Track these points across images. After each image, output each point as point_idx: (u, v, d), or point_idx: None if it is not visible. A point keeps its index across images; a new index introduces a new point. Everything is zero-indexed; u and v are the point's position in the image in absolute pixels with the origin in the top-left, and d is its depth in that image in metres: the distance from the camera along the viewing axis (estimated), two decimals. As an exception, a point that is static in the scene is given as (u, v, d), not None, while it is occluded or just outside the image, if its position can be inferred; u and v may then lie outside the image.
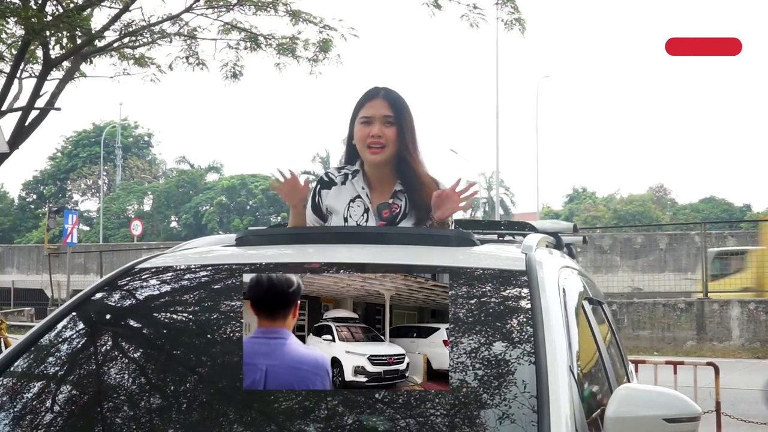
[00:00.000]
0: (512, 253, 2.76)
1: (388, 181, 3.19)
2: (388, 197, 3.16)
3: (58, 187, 70.88)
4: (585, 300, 2.93)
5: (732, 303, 18.31)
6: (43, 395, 2.33)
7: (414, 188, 3.14)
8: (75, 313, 2.63)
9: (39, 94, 13.33)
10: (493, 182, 50.92)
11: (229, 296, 2.67)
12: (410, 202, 3.15)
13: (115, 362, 2.43)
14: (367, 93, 3.20)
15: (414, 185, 3.15)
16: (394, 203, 3.15)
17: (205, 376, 2.30)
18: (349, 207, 3.16)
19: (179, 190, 66.76)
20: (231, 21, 14.04)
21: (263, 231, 3.18)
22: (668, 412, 2.08)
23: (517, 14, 13.50)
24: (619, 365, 3.49)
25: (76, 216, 26.52)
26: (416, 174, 3.16)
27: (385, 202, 3.15)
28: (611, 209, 60.05)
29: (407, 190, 3.16)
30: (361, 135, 3.15)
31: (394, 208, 3.14)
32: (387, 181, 3.19)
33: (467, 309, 2.42)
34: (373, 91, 3.20)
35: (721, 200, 64.37)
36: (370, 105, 3.16)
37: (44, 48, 12.99)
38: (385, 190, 3.18)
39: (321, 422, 2.04)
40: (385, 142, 3.12)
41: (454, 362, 2.18)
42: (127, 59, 14.45)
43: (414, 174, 3.16)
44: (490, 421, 2.01)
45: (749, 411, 9.67)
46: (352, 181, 3.20)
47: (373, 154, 3.13)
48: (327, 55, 14.13)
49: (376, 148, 3.12)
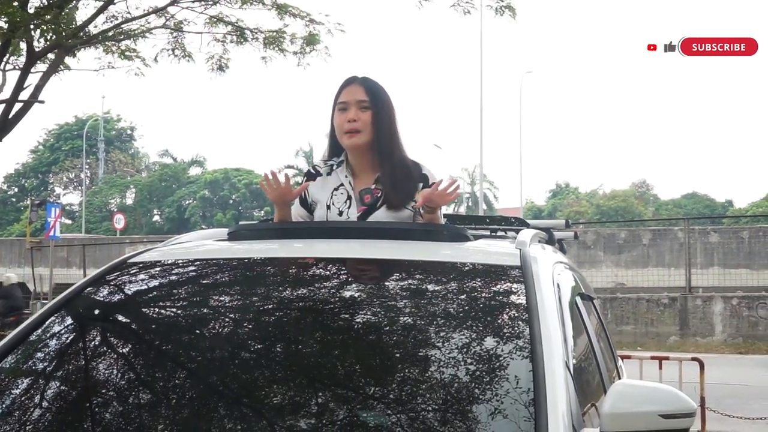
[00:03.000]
0: (506, 248, 2.76)
1: (371, 167, 3.18)
2: (371, 183, 3.15)
3: (40, 180, 70.46)
4: (578, 295, 2.94)
5: (715, 298, 18.45)
6: (35, 391, 2.31)
7: (392, 173, 3.12)
8: (66, 307, 2.61)
9: (23, 87, 13.22)
10: (477, 177, 50.98)
11: (221, 291, 2.66)
12: (389, 186, 3.12)
13: (108, 357, 2.42)
14: (344, 81, 3.22)
15: (392, 170, 3.13)
16: (376, 188, 3.13)
17: (196, 372, 2.29)
18: (332, 195, 3.15)
19: (162, 184, 66.53)
20: (217, 14, 13.98)
21: (256, 226, 3.17)
22: (664, 408, 2.08)
23: (506, 0, 13.49)
24: (610, 360, 3.51)
25: (59, 209, 26.36)
26: (394, 158, 3.15)
27: (367, 188, 3.14)
28: (594, 204, 60.28)
29: (384, 175, 3.14)
30: (339, 122, 3.15)
31: (375, 193, 3.12)
32: (369, 167, 3.18)
33: (462, 304, 2.42)
34: (349, 79, 3.22)
35: (703, 196, 64.80)
36: (347, 91, 3.17)
37: (28, 41, 12.89)
38: (368, 177, 3.17)
39: (313, 417, 2.03)
40: (361, 127, 3.11)
41: (449, 357, 2.18)
42: (112, 52, 14.35)
43: (391, 158, 3.14)
44: (487, 416, 2.01)
45: (733, 406, 9.73)
46: (336, 171, 3.20)
47: (349, 139, 3.12)
48: (314, 48, 14.08)
49: (352, 132, 3.11)
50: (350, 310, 2.47)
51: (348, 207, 3.12)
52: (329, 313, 2.47)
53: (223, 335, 2.42)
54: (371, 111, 3.13)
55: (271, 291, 2.62)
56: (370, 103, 3.13)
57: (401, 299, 2.49)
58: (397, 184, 3.11)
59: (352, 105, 3.13)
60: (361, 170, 3.18)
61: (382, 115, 3.15)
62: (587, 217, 53.71)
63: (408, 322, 2.37)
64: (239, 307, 2.54)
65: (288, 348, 2.34)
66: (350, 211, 3.11)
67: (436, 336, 2.30)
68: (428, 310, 2.41)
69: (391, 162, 3.13)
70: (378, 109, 3.14)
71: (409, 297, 2.50)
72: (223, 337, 2.41)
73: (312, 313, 2.46)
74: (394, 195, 3.10)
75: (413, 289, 2.58)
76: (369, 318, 2.41)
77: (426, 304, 2.44)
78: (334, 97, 3.20)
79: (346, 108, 3.14)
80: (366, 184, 3.16)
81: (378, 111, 3.14)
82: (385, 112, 3.16)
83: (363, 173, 3.18)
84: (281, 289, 2.64)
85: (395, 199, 3.10)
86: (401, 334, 2.33)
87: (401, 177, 3.11)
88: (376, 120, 3.13)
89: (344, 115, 3.13)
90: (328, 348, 2.32)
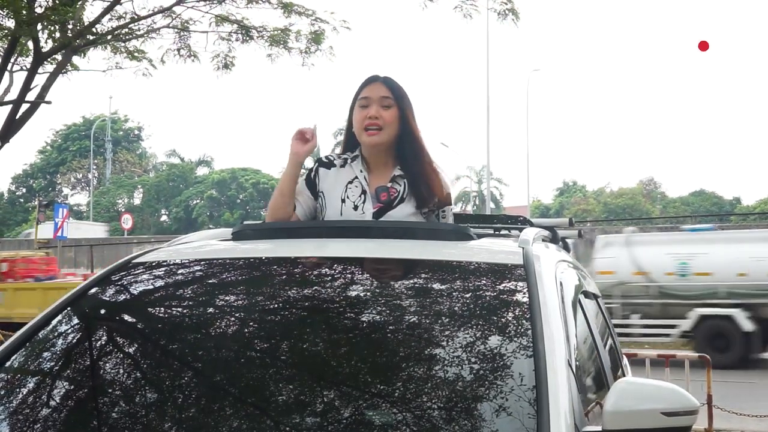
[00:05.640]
0: (509, 247, 2.76)
1: (388, 165, 3.16)
2: (387, 181, 3.12)
3: (47, 181, 70.61)
4: (581, 293, 2.94)
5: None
6: (41, 390, 2.33)
7: (414, 173, 3.11)
8: (71, 307, 2.62)
9: (30, 88, 13.27)
10: (484, 176, 50.93)
11: (225, 290, 2.67)
12: (410, 187, 3.10)
13: (113, 357, 2.43)
14: (366, 78, 3.20)
15: (414, 170, 3.11)
16: (392, 187, 3.10)
17: (201, 371, 2.30)
18: (347, 188, 3.11)
19: (169, 184, 66.63)
20: (223, 13, 14.00)
21: (260, 225, 3.18)
22: (666, 406, 2.08)
23: (510, 4, 13.50)
24: (614, 358, 3.50)
25: (67, 210, 26.40)
26: (416, 159, 3.13)
27: (383, 185, 3.11)
28: (601, 203, 60.20)
29: (407, 175, 3.12)
30: (359, 117, 3.12)
31: (392, 192, 3.10)
32: (386, 165, 3.16)
33: (466, 303, 2.43)
34: (372, 77, 3.19)
35: (710, 193, 64.61)
36: (369, 88, 3.15)
37: (35, 41, 12.93)
38: (384, 174, 3.14)
39: (318, 416, 2.04)
40: (382, 124, 3.08)
41: (452, 356, 2.19)
42: (119, 53, 14.39)
43: (414, 159, 3.13)
44: (489, 414, 2.01)
45: (740, 404, 9.72)
46: (351, 165, 3.16)
47: (370, 136, 3.09)
48: (319, 47, 14.10)
49: (373, 129, 3.08)
50: (354, 308, 2.47)
51: (363, 202, 3.09)
52: (333, 312, 2.48)
53: (227, 335, 2.43)
54: (394, 109, 3.11)
55: (275, 291, 2.63)
56: (394, 100, 3.12)
57: (404, 298, 2.50)
58: (417, 185, 3.10)
59: (374, 102, 3.11)
60: (376, 167, 3.16)
61: (407, 113, 3.14)
62: (595, 215, 53.64)
63: (411, 320, 2.38)
64: (243, 306, 2.55)
65: (293, 347, 2.34)
66: (365, 206, 3.08)
67: (439, 334, 2.30)
68: (431, 309, 2.41)
69: (412, 162, 3.12)
70: (402, 108, 3.13)
71: (412, 295, 2.50)
72: (228, 336, 2.42)
73: (316, 313, 2.46)
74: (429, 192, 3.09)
75: (416, 287, 2.58)
76: (373, 316, 2.42)
77: (429, 302, 2.45)
78: (355, 93, 3.18)
79: (368, 104, 3.11)
80: (382, 181, 3.13)
81: (402, 109, 3.13)
82: (408, 111, 3.15)
83: (378, 170, 3.16)
84: (285, 288, 2.64)
85: (429, 197, 3.09)
86: (404, 332, 2.34)
87: (422, 178, 3.10)
88: (400, 119, 3.12)
89: (365, 111, 3.11)
90: (333, 347, 2.33)
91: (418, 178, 3.10)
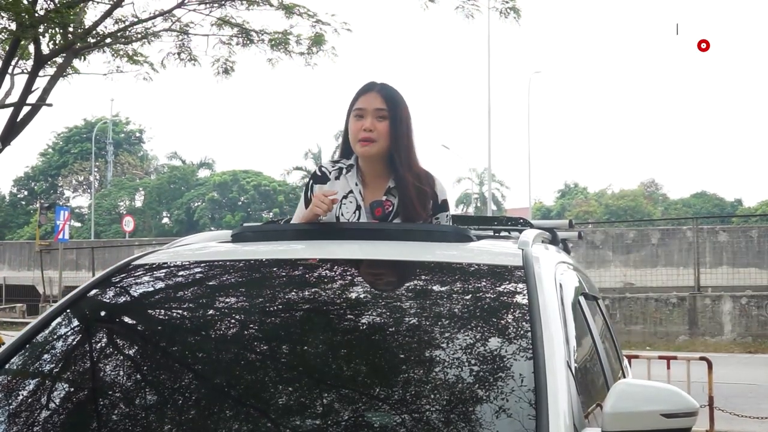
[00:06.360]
0: (509, 248, 2.76)
1: (382, 177, 3.13)
2: (382, 194, 3.10)
3: (49, 184, 70.67)
4: (581, 295, 2.93)
5: (724, 298, 18.38)
6: (40, 392, 2.33)
7: (405, 186, 3.07)
8: (71, 310, 2.62)
9: (31, 90, 13.26)
10: (485, 178, 50.91)
11: (225, 292, 2.67)
12: (400, 200, 3.08)
13: (113, 359, 2.43)
14: (362, 87, 3.16)
15: (405, 183, 3.07)
16: (387, 200, 3.09)
17: (201, 373, 2.29)
18: (341, 204, 3.09)
19: (171, 186, 66.64)
20: (223, 16, 13.99)
21: (259, 227, 3.17)
22: (666, 408, 2.08)
23: (512, 2, 13.49)
24: (614, 360, 3.50)
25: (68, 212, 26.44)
26: (409, 171, 3.09)
27: (378, 200, 3.09)
28: (603, 204, 60.21)
29: (398, 188, 3.09)
30: (354, 128, 3.09)
31: (387, 206, 3.08)
32: (381, 177, 3.13)
33: (465, 304, 2.43)
34: (368, 85, 3.15)
35: (712, 195, 64.63)
36: (365, 98, 3.11)
37: (36, 44, 12.93)
38: (379, 187, 3.12)
39: (318, 418, 2.04)
40: (376, 137, 3.05)
41: (452, 357, 2.19)
42: (120, 56, 14.39)
43: (406, 171, 3.09)
44: (489, 416, 2.01)
45: (742, 405, 9.71)
46: (346, 176, 3.14)
47: (363, 147, 3.07)
48: (321, 48, 14.08)
49: (366, 141, 3.06)
50: (354, 310, 2.47)
51: (357, 218, 3.07)
52: (333, 314, 2.48)
53: (227, 337, 2.43)
54: (388, 121, 3.07)
55: (274, 292, 2.63)
56: (387, 112, 3.08)
57: (404, 300, 2.50)
58: (417, 198, 3.07)
59: (368, 113, 3.08)
60: (372, 179, 3.13)
61: (401, 126, 3.09)
62: (596, 217, 53.65)
63: (411, 322, 2.38)
64: (243, 308, 2.55)
65: (292, 349, 2.34)
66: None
67: (438, 336, 2.30)
68: (431, 311, 2.41)
69: (410, 174, 3.08)
70: (396, 120, 3.08)
71: (411, 297, 2.50)
72: (228, 338, 2.42)
73: (316, 314, 2.46)
74: (413, 210, 3.05)
75: (416, 289, 2.58)
76: (372, 318, 2.42)
77: (429, 304, 2.44)
78: (351, 101, 3.15)
79: (363, 116, 3.08)
80: (376, 195, 3.11)
81: (396, 122, 3.08)
82: (403, 122, 3.11)
83: (373, 182, 3.13)
84: (285, 290, 2.64)
85: (414, 215, 3.05)
86: (404, 334, 2.34)
87: (420, 192, 3.07)
88: (394, 131, 3.08)
89: (360, 122, 3.08)
90: (333, 348, 2.33)
91: (408, 191, 3.07)
